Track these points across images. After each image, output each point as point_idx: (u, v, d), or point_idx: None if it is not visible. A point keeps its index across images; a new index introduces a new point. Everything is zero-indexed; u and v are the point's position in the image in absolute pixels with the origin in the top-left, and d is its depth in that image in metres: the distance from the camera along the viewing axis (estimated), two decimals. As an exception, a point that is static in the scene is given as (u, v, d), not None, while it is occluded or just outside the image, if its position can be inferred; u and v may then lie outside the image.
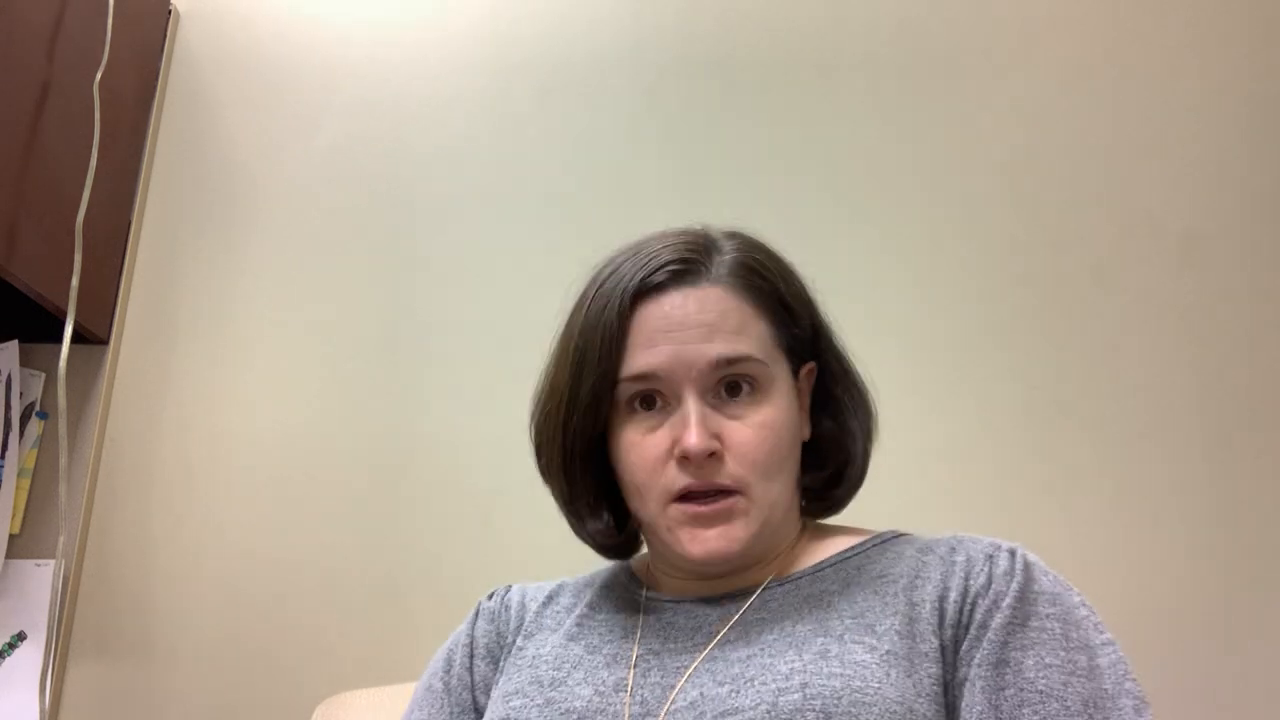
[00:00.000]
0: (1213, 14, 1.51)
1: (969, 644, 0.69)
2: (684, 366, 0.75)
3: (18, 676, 1.32)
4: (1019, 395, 1.37)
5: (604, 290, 0.79)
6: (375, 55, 1.62)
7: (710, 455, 0.73)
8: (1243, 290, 1.38)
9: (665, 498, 0.75)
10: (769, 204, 1.47)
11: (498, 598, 0.88)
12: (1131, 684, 0.67)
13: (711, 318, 0.76)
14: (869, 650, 0.68)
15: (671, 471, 0.74)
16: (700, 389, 0.75)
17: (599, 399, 0.77)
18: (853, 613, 0.71)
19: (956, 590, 0.71)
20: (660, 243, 0.80)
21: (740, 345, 0.76)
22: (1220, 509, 1.30)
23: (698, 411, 0.74)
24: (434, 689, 0.84)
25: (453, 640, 0.87)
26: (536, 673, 0.77)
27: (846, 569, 0.77)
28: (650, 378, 0.75)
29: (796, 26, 1.57)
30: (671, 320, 0.76)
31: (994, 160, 1.48)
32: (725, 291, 0.78)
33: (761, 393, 0.76)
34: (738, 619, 0.75)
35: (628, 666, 0.75)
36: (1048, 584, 0.70)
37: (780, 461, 0.76)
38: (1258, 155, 1.44)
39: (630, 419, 0.77)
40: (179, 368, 1.48)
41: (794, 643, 0.70)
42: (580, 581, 0.88)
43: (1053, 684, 0.65)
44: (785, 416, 0.77)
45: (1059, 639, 0.67)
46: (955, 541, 0.75)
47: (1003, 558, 0.72)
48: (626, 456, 0.77)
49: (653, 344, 0.76)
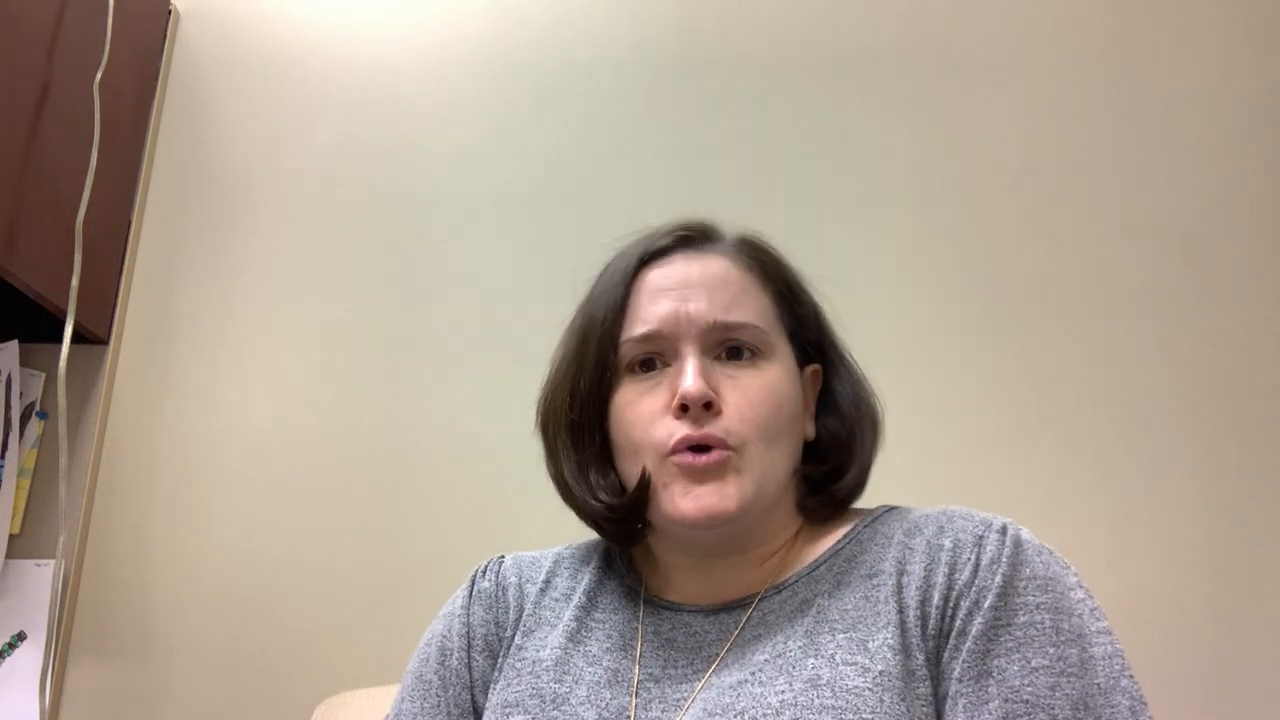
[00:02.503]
0: (1213, 14, 1.51)
1: (949, 654, 0.66)
2: (684, 323, 0.75)
3: (18, 676, 1.32)
4: (1018, 395, 1.37)
5: (612, 266, 0.81)
6: (375, 55, 1.62)
7: (707, 407, 0.72)
8: (1243, 290, 1.38)
9: (660, 451, 0.73)
10: (769, 203, 1.47)
11: (492, 576, 0.84)
12: (1128, 681, 0.63)
13: (714, 280, 0.77)
14: (862, 673, 0.65)
15: (668, 424, 0.73)
16: (700, 346, 0.75)
17: (604, 362, 0.77)
18: (844, 625, 0.69)
19: (939, 590, 0.67)
20: (668, 223, 0.82)
21: (742, 313, 0.76)
22: (1220, 509, 1.30)
23: (696, 361, 0.73)
24: (426, 679, 0.80)
25: (446, 624, 0.83)
26: (537, 683, 0.75)
27: (839, 563, 0.74)
28: (651, 338, 0.75)
29: (797, 27, 1.57)
30: (673, 279, 0.77)
31: (995, 160, 1.48)
32: (729, 261, 0.79)
33: (763, 359, 0.76)
34: (736, 637, 0.73)
35: (629, 692, 0.73)
36: (1040, 565, 0.67)
37: (779, 430, 0.74)
38: (1258, 155, 1.44)
39: (630, 381, 0.76)
40: (179, 368, 1.48)
41: (785, 666, 0.68)
42: (577, 557, 0.85)
43: (1039, 691, 0.62)
44: (786, 386, 0.76)
45: (1048, 633, 0.64)
46: (945, 519, 0.72)
47: (991, 540, 0.68)
48: (622, 415, 0.76)
49: (654, 302, 0.76)
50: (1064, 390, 1.36)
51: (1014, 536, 0.69)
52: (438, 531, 1.38)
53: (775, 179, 1.50)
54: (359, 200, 1.55)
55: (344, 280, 1.51)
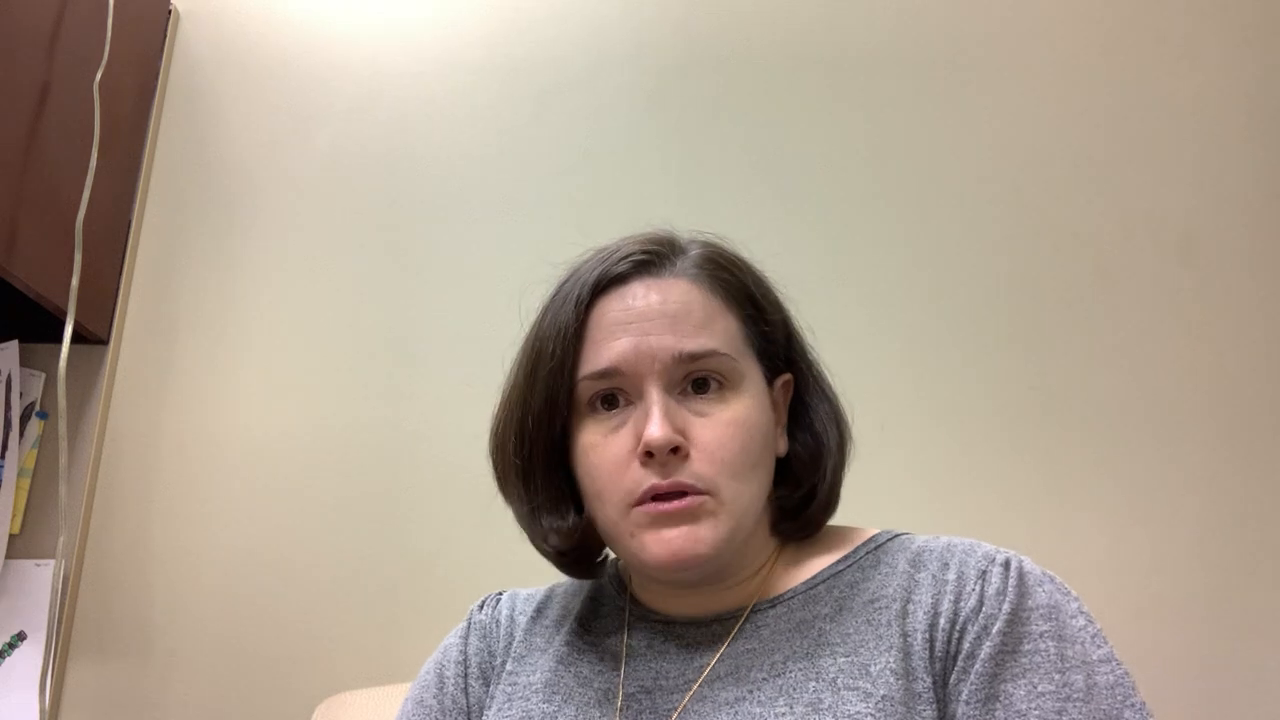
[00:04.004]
0: (1213, 14, 1.51)
1: (957, 676, 0.65)
2: (646, 359, 0.70)
3: (18, 676, 1.32)
4: (1018, 395, 1.37)
5: (564, 290, 0.76)
6: (376, 56, 1.62)
7: (675, 451, 0.69)
8: (1243, 290, 1.38)
9: (628, 501, 0.70)
10: (769, 203, 1.47)
11: (488, 609, 0.85)
12: (1132, 712, 0.63)
13: (675, 309, 0.72)
14: (864, 698, 0.64)
15: (635, 472, 0.69)
16: (664, 383, 0.70)
17: (554, 399, 0.72)
18: (846, 649, 0.68)
19: (946, 616, 0.67)
20: (623, 241, 0.77)
21: (707, 340, 0.71)
22: (1220, 508, 1.30)
23: (661, 403, 0.69)
24: (426, 704, 0.81)
25: (443, 654, 0.84)
26: (527, 705, 0.75)
27: (839, 586, 0.72)
28: (611, 374, 0.71)
29: (797, 27, 1.58)
30: (632, 311, 0.72)
31: (995, 160, 1.48)
32: (691, 284, 0.74)
33: (730, 390, 0.72)
34: (726, 649, 0.72)
35: (617, 707, 0.72)
36: (1043, 596, 0.67)
37: (751, 463, 0.71)
38: (1258, 155, 1.44)
39: (591, 420, 0.73)
40: (179, 368, 1.48)
41: (785, 688, 0.67)
42: (570, 589, 0.85)
43: (1046, 715, 0.62)
44: (756, 416, 0.72)
45: (1054, 661, 0.64)
46: (949, 554, 0.71)
47: (995, 574, 0.68)
48: (586, 458, 0.72)
49: (613, 337, 0.72)
50: (1064, 390, 1.36)
51: (1017, 569, 0.68)
52: (437, 532, 1.38)
53: (775, 179, 1.50)
54: (358, 200, 1.55)
55: (344, 280, 1.51)
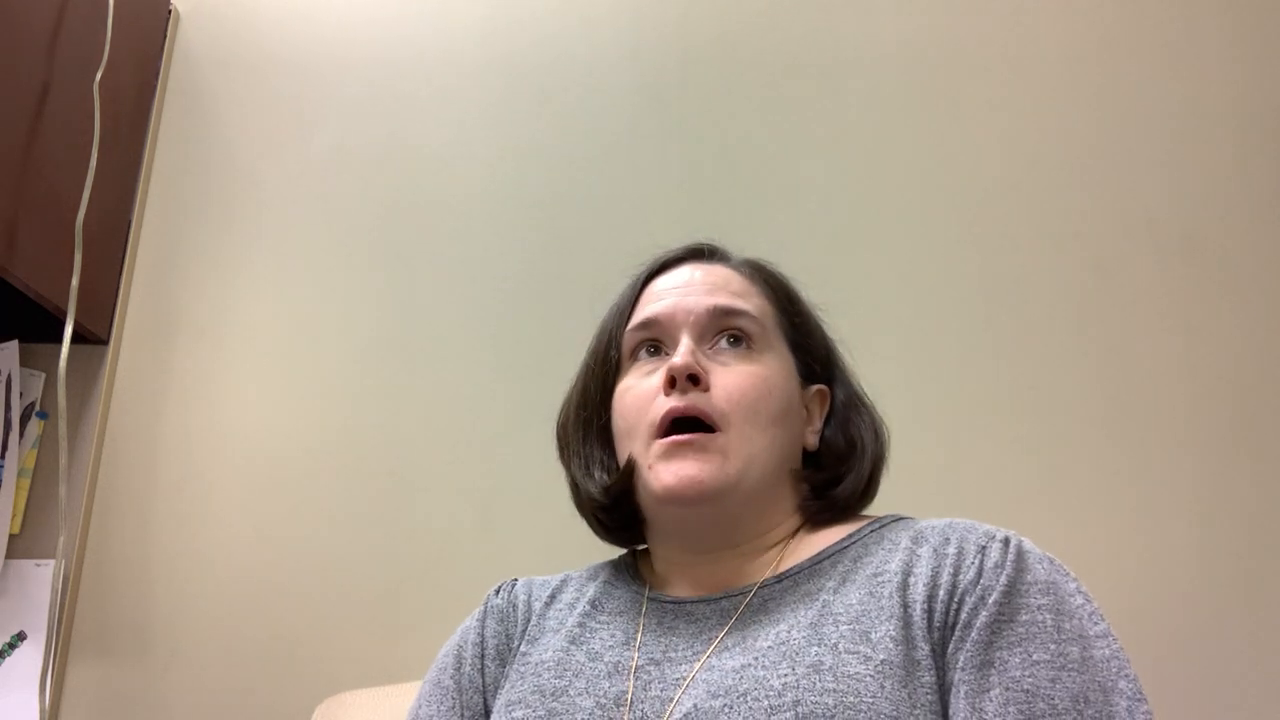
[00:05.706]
0: (1213, 14, 1.51)
1: (954, 645, 0.67)
2: (682, 312, 0.80)
3: (18, 676, 1.32)
4: (1018, 395, 1.37)
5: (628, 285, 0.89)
6: (375, 55, 1.62)
7: (696, 381, 0.76)
8: (1243, 290, 1.38)
9: (650, 432, 0.77)
10: (769, 204, 1.47)
11: (504, 594, 0.88)
12: (1126, 682, 0.65)
13: (717, 280, 0.83)
14: (864, 661, 0.67)
15: (659, 402, 0.77)
16: (696, 333, 0.80)
17: (606, 355, 0.84)
18: (848, 617, 0.70)
19: (945, 587, 0.69)
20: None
21: (741, 303, 0.81)
22: (1219, 508, 1.30)
23: (689, 342, 0.79)
24: (444, 685, 0.83)
25: (461, 636, 0.86)
26: (539, 680, 0.77)
27: (844, 561, 0.76)
28: (649, 324, 0.81)
29: (797, 28, 1.58)
30: (678, 281, 0.84)
31: (995, 160, 1.48)
32: (734, 271, 0.85)
33: (757, 351, 0.80)
34: (735, 620, 0.74)
35: (628, 677, 0.74)
36: (1041, 572, 0.69)
37: (767, 414, 0.78)
38: (1257, 156, 1.44)
39: (632, 368, 0.82)
40: (179, 368, 1.48)
41: (788, 653, 0.69)
42: (585, 574, 0.88)
43: (1040, 682, 0.64)
44: (778, 380, 0.80)
45: (1050, 631, 0.66)
46: (950, 530, 0.74)
47: (995, 549, 0.70)
48: (622, 401, 0.81)
49: (658, 299, 0.83)
50: (1064, 390, 1.36)
51: (1016, 546, 0.71)
52: (438, 532, 1.38)
53: (775, 179, 1.50)
54: (358, 199, 1.55)
55: (343, 280, 1.51)
